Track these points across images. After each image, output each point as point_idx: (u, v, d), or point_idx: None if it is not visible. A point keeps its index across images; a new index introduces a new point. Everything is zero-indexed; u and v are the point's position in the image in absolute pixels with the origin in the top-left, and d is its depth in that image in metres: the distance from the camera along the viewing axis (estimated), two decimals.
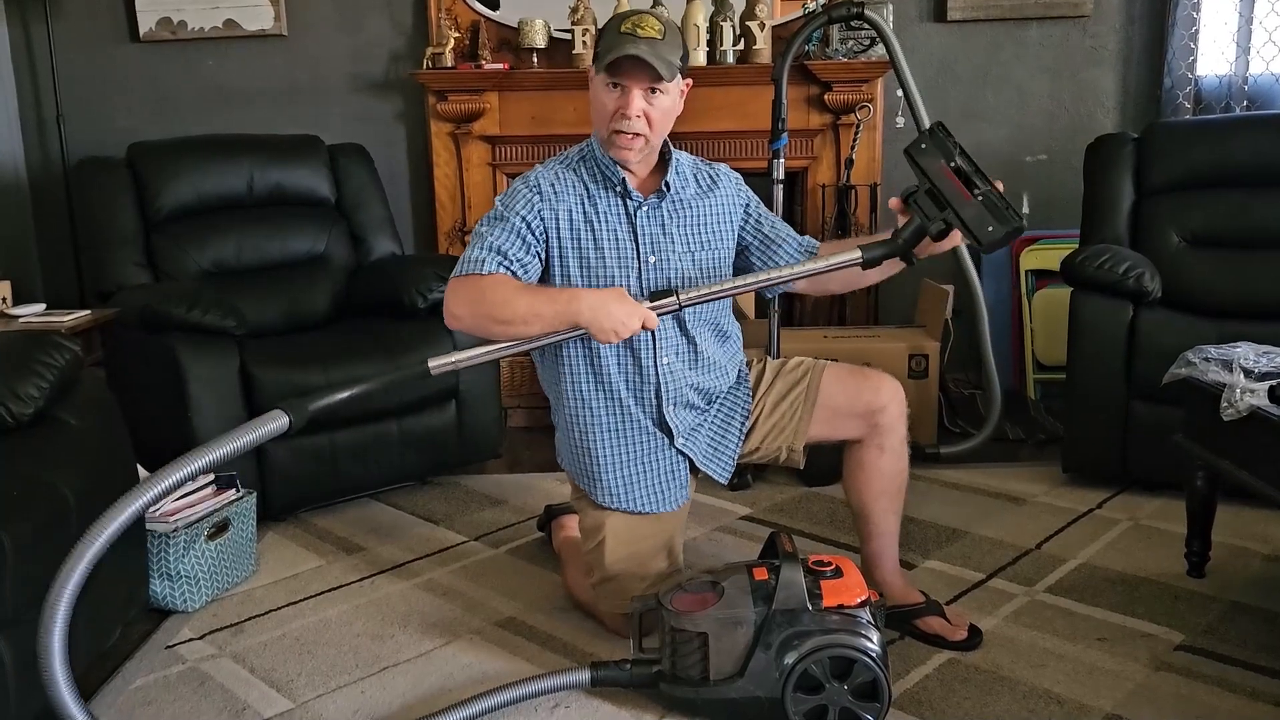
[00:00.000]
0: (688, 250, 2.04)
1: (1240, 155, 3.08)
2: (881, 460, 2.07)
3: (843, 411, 2.08)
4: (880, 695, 1.69)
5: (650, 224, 2.02)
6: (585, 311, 1.81)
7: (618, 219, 2.00)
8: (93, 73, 3.80)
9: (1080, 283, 2.82)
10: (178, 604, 2.25)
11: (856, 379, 2.10)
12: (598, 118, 1.97)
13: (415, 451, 2.90)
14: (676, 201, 2.04)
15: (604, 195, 2.01)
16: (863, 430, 2.07)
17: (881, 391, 2.06)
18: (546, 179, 2.00)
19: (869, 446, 2.07)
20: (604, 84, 1.93)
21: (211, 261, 3.15)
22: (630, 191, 2.00)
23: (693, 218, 2.06)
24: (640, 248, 2.00)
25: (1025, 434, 3.36)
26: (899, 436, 2.08)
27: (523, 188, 2.00)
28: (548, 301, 1.85)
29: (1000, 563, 2.41)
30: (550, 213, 1.97)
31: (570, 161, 2.05)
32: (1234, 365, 2.07)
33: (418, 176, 3.86)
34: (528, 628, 2.15)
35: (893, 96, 3.63)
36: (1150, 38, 3.67)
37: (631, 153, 1.96)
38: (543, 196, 1.98)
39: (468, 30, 3.65)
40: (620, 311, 1.81)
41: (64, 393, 1.92)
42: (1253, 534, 2.48)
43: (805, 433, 2.10)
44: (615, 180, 2.00)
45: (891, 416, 2.05)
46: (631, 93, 1.90)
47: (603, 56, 1.91)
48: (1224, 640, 2.02)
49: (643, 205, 2.01)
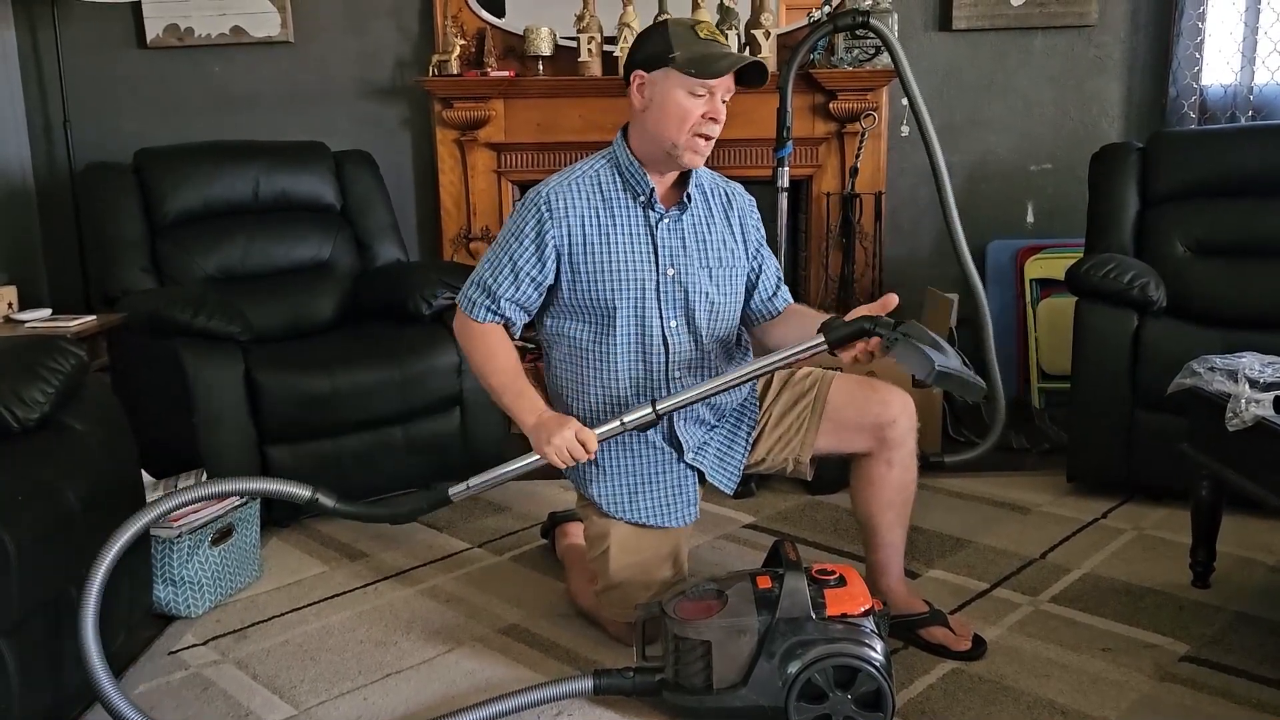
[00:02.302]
0: (704, 266, 2.03)
1: (1245, 164, 3.08)
2: (890, 475, 2.05)
3: (851, 425, 2.05)
4: (884, 705, 1.68)
5: (671, 237, 2.01)
6: (529, 430, 1.93)
7: (637, 230, 1.99)
8: (100, 78, 3.81)
9: (1085, 292, 2.82)
10: (181, 609, 2.25)
11: (865, 391, 2.08)
12: (671, 123, 1.93)
13: (419, 458, 2.90)
14: (696, 215, 2.04)
15: (626, 205, 2.00)
16: (871, 444, 2.04)
17: (891, 405, 2.03)
18: (558, 193, 1.98)
19: (878, 461, 2.05)
20: (687, 88, 1.90)
21: (217, 267, 3.16)
22: (654, 202, 2.00)
23: (711, 233, 2.06)
24: (660, 260, 1.99)
25: (1030, 443, 3.36)
26: (908, 450, 2.05)
27: (532, 206, 1.99)
28: (510, 396, 1.97)
29: (1004, 572, 2.40)
30: (559, 228, 1.96)
31: (590, 170, 2.03)
32: (1239, 375, 2.06)
33: (423, 183, 3.87)
34: (531, 635, 2.15)
35: (898, 105, 3.64)
36: (1155, 47, 3.68)
37: (702, 157, 1.97)
38: (552, 213, 1.97)
39: (473, 37, 3.66)
40: (559, 439, 1.87)
41: (69, 397, 1.92)
42: (1258, 544, 2.48)
43: (812, 445, 2.08)
44: (644, 190, 1.99)
45: (901, 430, 2.03)
46: (718, 97, 1.92)
47: (697, 63, 1.88)
48: (1229, 651, 2.01)
49: (664, 217, 2.01)
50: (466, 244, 3.75)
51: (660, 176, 2.01)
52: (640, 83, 1.96)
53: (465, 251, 3.74)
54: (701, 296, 2.02)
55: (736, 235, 2.10)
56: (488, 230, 3.74)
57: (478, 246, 3.74)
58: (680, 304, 2.01)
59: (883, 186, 3.67)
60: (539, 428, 1.91)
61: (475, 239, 3.75)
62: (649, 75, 1.94)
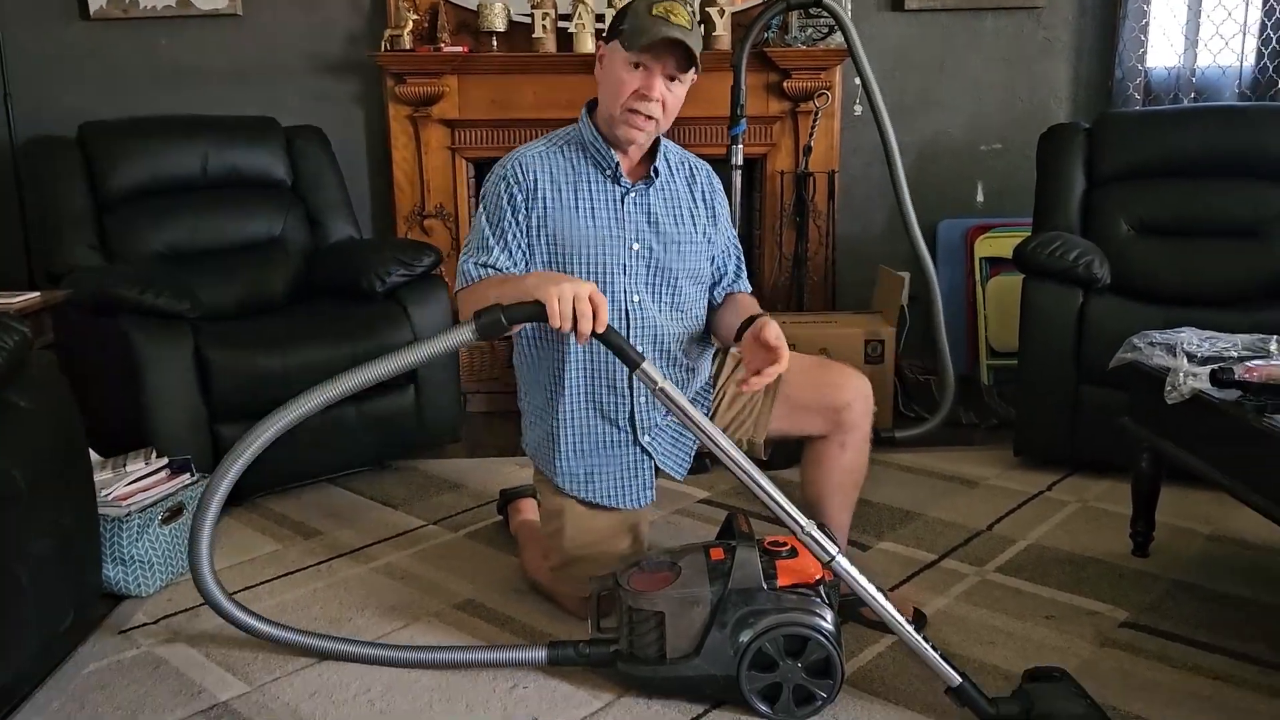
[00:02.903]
0: (674, 241, 2.04)
1: (1187, 146, 3.15)
2: (843, 457, 2.05)
3: (805, 407, 2.06)
4: (834, 673, 1.72)
5: (637, 211, 2.01)
6: (532, 283, 1.75)
7: (605, 203, 1.99)
8: (41, 51, 3.71)
9: (1032, 270, 2.87)
10: (131, 589, 2.23)
11: (820, 373, 2.08)
12: (609, 95, 1.94)
13: (374, 436, 2.89)
14: (663, 189, 2.05)
15: (593, 178, 2.00)
16: (826, 426, 2.05)
17: (846, 389, 2.04)
18: (524, 163, 1.98)
19: (831, 443, 2.05)
20: (626, 62, 1.91)
21: (165, 244, 3.11)
22: (620, 176, 2.00)
23: (677, 207, 2.06)
24: (625, 234, 2.00)
25: (978, 418, 3.42)
26: (862, 434, 2.06)
27: (500, 178, 1.98)
28: (511, 283, 1.83)
29: (952, 544, 2.45)
30: (526, 196, 1.96)
31: (557, 142, 2.03)
32: (1178, 350, 2.11)
33: (376, 159, 3.83)
34: (486, 610, 2.16)
35: (851, 84, 3.66)
36: (1102, 30, 3.74)
37: (641, 134, 1.95)
38: (520, 182, 1.96)
39: (426, 12, 3.62)
40: (568, 285, 1.70)
41: (13, 375, 1.89)
42: (1195, 515, 2.55)
43: (766, 426, 2.09)
44: (608, 163, 1.99)
45: (856, 414, 2.03)
46: (655, 75, 1.91)
47: (632, 36, 1.88)
48: (1166, 617, 2.08)
49: (631, 191, 2.01)
50: (420, 221, 3.72)
51: (624, 153, 2.01)
52: (600, 54, 1.98)
53: (419, 229, 3.71)
54: (665, 272, 2.03)
55: (703, 210, 2.10)
56: (441, 207, 3.72)
57: (431, 224, 3.72)
58: (644, 279, 2.02)
59: (836, 165, 3.70)
60: (543, 279, 1.76)
61: (429, 216, 3.72)
62: (605, 47, 1.97)
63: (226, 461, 1.78)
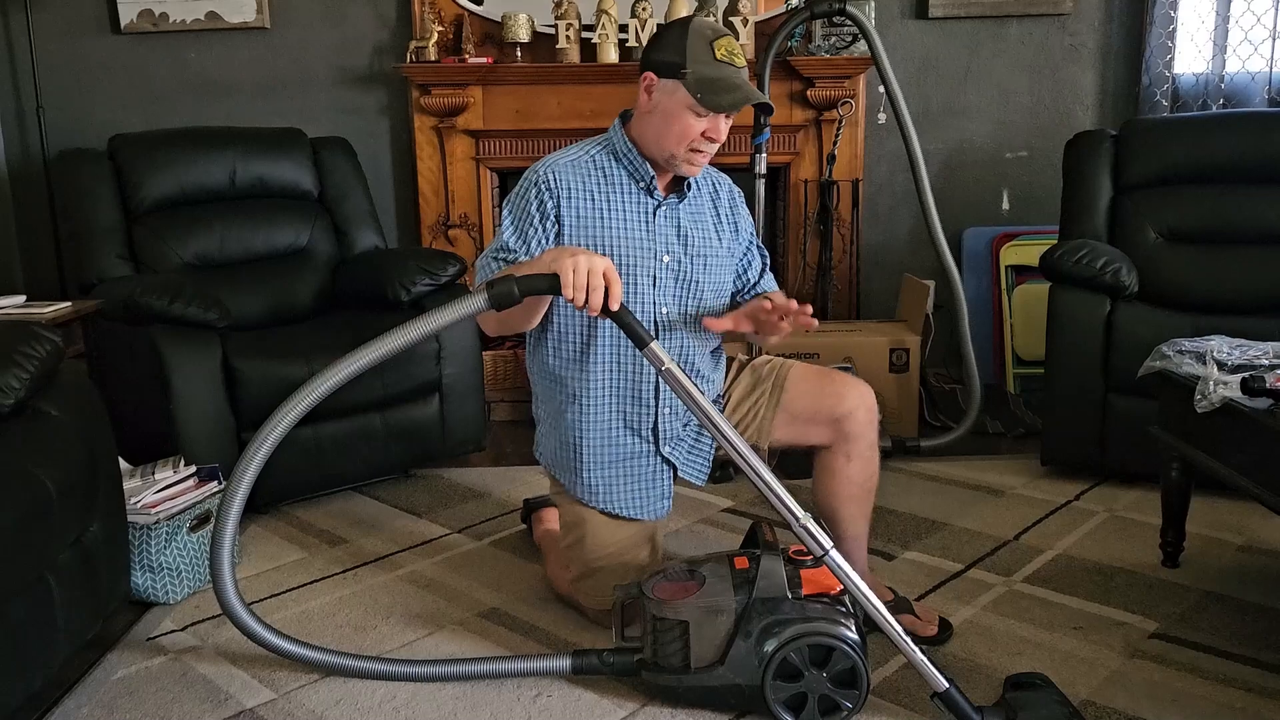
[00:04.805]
0: (701, 254, 2.04)
1: (1216, 152, 3.11)
2: (849, 468, 2.04)
3: (807, 417, 2.05)
4: (859, 683, 1.71)
5: (667, 224, 2.01)
6: (549, 258, 1.74)
7: (637, 214, 1.99)
8: (73, 64, 3.78)
9: (1058, 278, 2.85)
10: (159, 596, 2.25)
11: (822, 382, 2.08)
12: (670, 136, 1.91)
13: (398, 444, 2.90)
14: (691, 203, 2.05)
15: (627, 189, 1.99)
16: (830, 437, 2.04)
17: (846, 398, 2.03)
18: (556, 171, 1.97)
19: (836, 454, 2.05)
20: (692, 108, 1.87)
21: (194, 254, 3.14)
22: (655, 189, 2.00)
23: (704, 221, 2.06)
24: (655, 246, 1.99)
25: (1005, 427, 3.40)
26: (867, 442, 2.05)
27: (531, 184, 1.97)
28: (528, 265, 1.82)
29: (979, 553, 2.43)
30: (559, 204, 1.95)
31: (590, 151, 2.02)
32: (1207, 358, 2.09)
33: (401, 170, 3.86)
34: (511, 618, 2.16)
35: (875, 93, 3.66)
36: (1128, 36, 3.71)
37: (700, 168, 1.97)
38: (551, 190, 1.95)
39: (451, 24, 3.65)
40: (584, 258, 1.69)
41: (45, 384, 1.91)
42: (1226, 524, 2.52)
43: (769, 433, 2.09)
44: (645, 177, 1.98)
45: (858, 423, 2.02)
46: (720, 118, 1.90)
47: (703, 87, 1.85)
48: (1197, 629, 2.05)
49: (662, 204, 2.01)
50: (445, 231, 3.75)
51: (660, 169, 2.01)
52: (649, 84, 1.93)
53: (444, 239, 3.74)
54: (693, 285, 2.03)
55: (726, 225, 2.11)
56: (466, 217, 3.74)
57: (456, 234, 3.74)
58: (672, 291, 2.02)
59: (860, 174, 3.70)
60: (561, 251, 1.74)
61: (454, 226, 3.74)
62: (659, 81, 1.91)
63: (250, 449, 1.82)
